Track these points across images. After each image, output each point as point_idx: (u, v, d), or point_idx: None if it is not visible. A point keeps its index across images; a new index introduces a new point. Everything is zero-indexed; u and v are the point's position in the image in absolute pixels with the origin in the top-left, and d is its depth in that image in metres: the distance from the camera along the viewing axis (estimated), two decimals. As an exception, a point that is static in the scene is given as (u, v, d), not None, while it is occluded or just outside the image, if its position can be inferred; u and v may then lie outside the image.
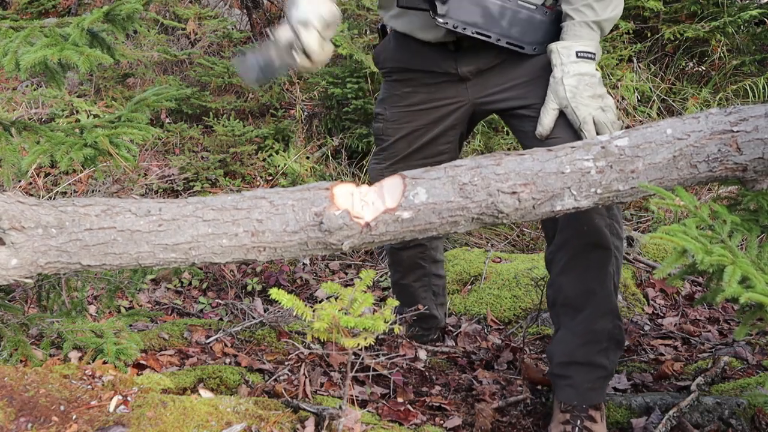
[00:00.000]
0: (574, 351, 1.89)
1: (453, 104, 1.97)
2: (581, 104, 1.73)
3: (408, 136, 2.03)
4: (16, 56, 1.64)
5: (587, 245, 1.83)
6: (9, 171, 1.96)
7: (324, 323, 1.35)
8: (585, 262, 1.85)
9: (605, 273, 1.85)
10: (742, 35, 4.50)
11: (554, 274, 1.93)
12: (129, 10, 1.76)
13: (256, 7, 5.42)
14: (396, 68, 2.03)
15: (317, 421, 1.54)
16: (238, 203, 1.43)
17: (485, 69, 1.90)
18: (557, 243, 1.89)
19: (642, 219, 3.58)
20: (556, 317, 1.97)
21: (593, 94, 1.74)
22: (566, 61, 1.74)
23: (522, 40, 1.83)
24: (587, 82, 1.74)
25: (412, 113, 2.02)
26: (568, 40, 1.76)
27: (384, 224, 1.42)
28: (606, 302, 1.87)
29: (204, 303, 3.03)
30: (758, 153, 1.37)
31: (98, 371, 1.62)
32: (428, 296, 2.40)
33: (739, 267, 1.21)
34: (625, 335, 1.95)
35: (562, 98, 1.74)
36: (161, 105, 1.98)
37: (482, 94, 1.93)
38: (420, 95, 2.00)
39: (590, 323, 1.87)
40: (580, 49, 1.75)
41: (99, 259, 1.39)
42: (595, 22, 1.76)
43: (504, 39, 1.82)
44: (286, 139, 4.36)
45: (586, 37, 1.76)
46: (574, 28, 1.76)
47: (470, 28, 1.80)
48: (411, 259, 2.33)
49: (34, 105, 4.52)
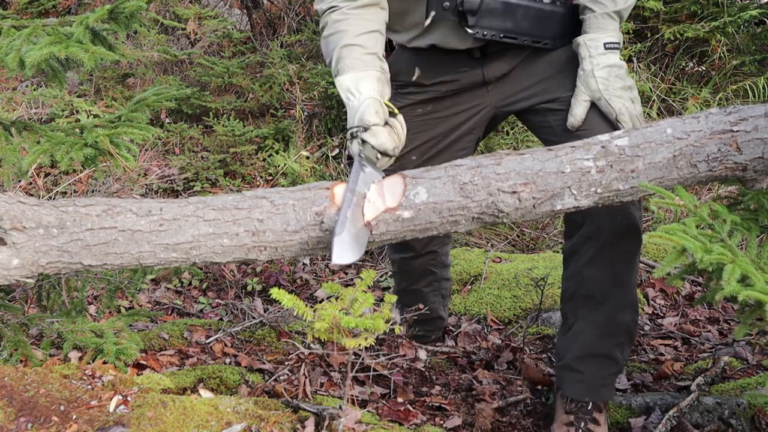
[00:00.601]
0: (593, 343, 1.87)
1: (473, 109, 1.96)
2: (614, 96, 1.74)
3: (421, 146, 1.97)
4: (20, 54, 1.64)
5: (620, 235, 1.81)
6: (9, 171, 1.96)
7: (324, 323, 1.35)
8: (615, 252, 1.83)
9: (634, 264, 1.86)
10: (742, 35, 4.50)
11: (578, 265, 1.88)
12: (133, 8, 1.76)
13: (256, 7, 5.43)
14: (413, 83, 1.96)
15: (317, 421, 1.54)
16: (239, 203, 1.43)
17: (507, 71, 1.90)
18: (584, 233, 1.85)
19: (642, 219, 3.58)
20: (572, 310, 1.93)
21: (624, 85, 1.75)
22: (594, 53, 1.76)
23: (543, 35, 1.83)
24: (617, 74, 1.75)
25: (427, 122, 1.97)
26: (593, 32, 1.77)
27: (384, 223, 1.42)
28: (631, 294, 1.87)
29: (204, 303, 3.03)
30: (758, 152, 1.38)
31: (98, 371, 1.62)
32: (437, 299, 2.39)
33: (738, 266, 1.21)
34: (637, 331, 1.95)
35: (594, 90, 1.75)
36: (161, 105, 1.98)
37: (505, 95, 1.92)
38: (438, 104, 1.96)
39: (613, 315, 1.86)
40: (608, 41, 1.76)
41: (100, 259, 1.39)
42: (616, 12, 1.77)
43: (528, 38, 1.83)
44: (286, 139, 4.36)
45: (609, 28, 1.77)
46: (597, 20, 1.77)
47: (499, 33, 1.81)
48: (423, 267, 2.30)
49: (34, 105, 4.52)
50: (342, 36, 1.70)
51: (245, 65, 4.73)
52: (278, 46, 5.01)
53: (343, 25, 1.71)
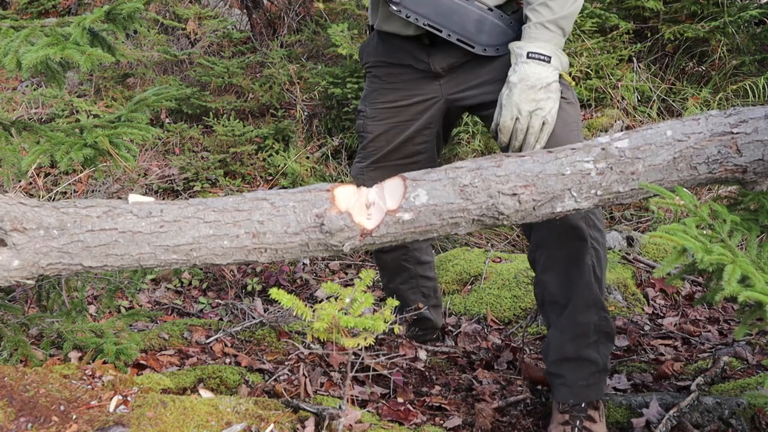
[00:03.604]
0: (564, 347, 1.90)
1: (428, 100, 1.99)
2: (509, 105, 1.73)
3: (387, 132, 2.04)
4: (18, 56, 1.64)
5: (563, 239, 1.84)
6: (9, 171, 1.96)
7: (324, 323, 1.35)
8: (562, 256, 1.86)
9: (583, 265, 1.86)
10: (742, 35, 4.50)
11: (537, 273, 1.95)
12: (130, 9, 1.76)
13: (256, 7, 5.42)
14: (377, 62, 2.05)
15: (317, 421, 1.55)
16: (240, 205, 1.43)
17: (457, 66, 1.91)
18: (534, 242, 1.92)
19: (642, 219, 3.58)
20: (545, 316, 1.98)
21: (530, 98, 1.72)
22: (517, 60, 1.75)
23: (474, 39, 1.83)
24: (529, 85, 1.72)
25: (390, 109, 2.03)
26: (522, 41, 1.77)
27: (385, 226, 1.43)
28: (588, 294, 1.87)
29: (204, 303, 3.03)
30: (758, 155, 1.38)
31: (98, 371, 1.62)
32: (418, 298, 2.38)
33: (738, 266, 1.21)
34: (614, 327, 1.95)
35: (501, 96, 1.76)
36: (161, 105, 1.98)
37: (454, 90, 1.95)
38: (398, 92, 2.02)
39: (575, 317, 1.88)
40: (533, 50, 1.73)
41: (100, 261, 1.39)
42: (551, 21, 1.74)
43: (455, 35, 1.83)
44: (286, 139, 4.36)
45: (541, 39, 1.74)
46: (530, 30, 1.76)
47: (422, 20, 1.82)
48: (394, 262, 2.32)
49: (34, 105, 4.52)
50: None
51: (245, 65, 4.73)
52: (278, 46, 5.01)
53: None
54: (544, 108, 1.73)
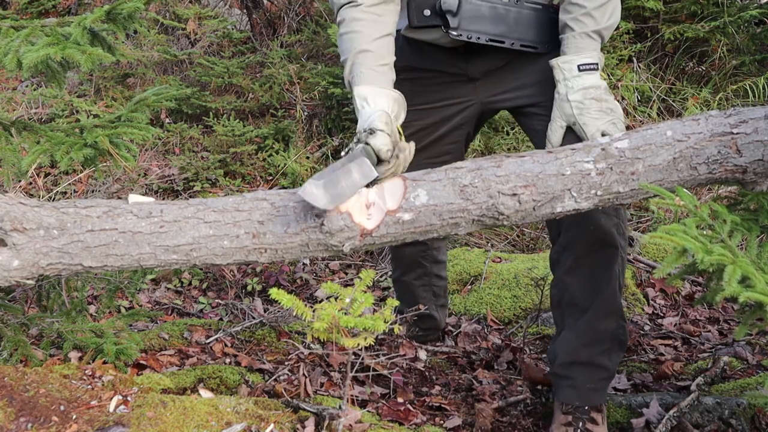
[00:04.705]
0: (578, 351, 1.89)
1: (461, 104, 1.97)
2: (589, 120, 1.71)
3: (415, 134, 1.99)
4: (18, 55, 1.64)
5: (594, 244, 1.82)
6: (9, 171, 1.96)
7: (324, 323, 1.35)
8: (591, 262, 1.84)
9: (611, 272, 1.85)
10: (742, 35, 4.50)
11: (560, 274, 1.92)
12: (130, 9, 1.76)
13: (256, 7, 5.42)
14: (405, 67, 1.97)
15: (317, 421, 1.55)
16: (240, 205, 1.43)
17: (494, 69, 1.90)
18: (562, 243, 1.89)
19: (642, 219, 3.58)
20: (560, 317, 1.96)
21: (601, 108, 1.71)
22: (569, 76, 1.72)
23: (535, 40, 1.83)
24: (593, 95, 1.71)
25: (419, 112, 1.99)
26: (569, 54, 1.74)
27: (385, 226, 1.43)
28: (611, 302, 1.87)
29: (204, 303, 3.03)
30: (758, 155, 1.38)
31: (98, 371, 1.62)
32: (428, 296, 2.40)
33: (739, 266, 1.21)
34: (628, 337, 1.95)
35: (569, 115, 1.72)
36: (161, 105, 1.98)
37: (491, 93, 1.93)
38: (429, 94, 1.99)
39: (594, 323, 1.87)
40: (582, 62, 1.72)
41: (100, 261, 1.39)
42: (596, 32, 1.74)
43: (518, 42, 1.82)
44: (286, 139, 4.36)
45: (587, 48, 1.73)
46: (575, 40, 1.74)
47: (483, 36, 1.80)
48: (412, 257, 2.33)
49: (34, 105, 4.52)
50: (358, 39, 1.70)
51: (245, 65, 4.73)
52: (278, 46, 5.01)
53: (359, 26, 1.71)
54: (616, 111, 1.72)
